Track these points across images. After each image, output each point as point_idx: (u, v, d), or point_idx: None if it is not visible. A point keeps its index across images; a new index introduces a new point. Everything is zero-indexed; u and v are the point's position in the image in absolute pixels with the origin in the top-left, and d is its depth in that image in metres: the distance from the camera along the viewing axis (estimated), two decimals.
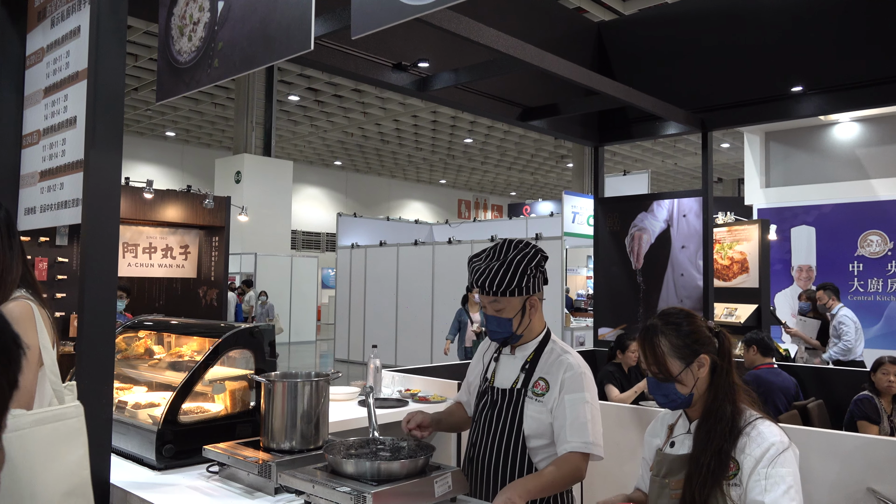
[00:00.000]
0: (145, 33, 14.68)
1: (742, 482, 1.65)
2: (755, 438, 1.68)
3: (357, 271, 14.17)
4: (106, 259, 2.21)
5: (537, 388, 2.08)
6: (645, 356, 1.82)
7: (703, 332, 1.81)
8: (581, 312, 14.94)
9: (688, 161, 25.17)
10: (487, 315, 2.14)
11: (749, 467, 1.65)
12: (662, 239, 5.47)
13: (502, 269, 2.06)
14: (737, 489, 1.65)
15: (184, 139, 24.16)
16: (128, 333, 3.15)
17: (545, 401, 2.06)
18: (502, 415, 2.12)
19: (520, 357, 2.17)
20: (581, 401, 2.02)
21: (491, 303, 2.10)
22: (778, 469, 1.62)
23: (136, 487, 2.19)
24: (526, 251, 2.10)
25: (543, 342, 2.16)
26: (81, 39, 2.48)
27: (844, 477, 2.58)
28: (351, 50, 3.89)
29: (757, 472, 1.63)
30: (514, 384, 2.12)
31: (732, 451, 1.67)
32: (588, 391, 2.05)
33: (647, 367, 1.83)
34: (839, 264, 8.78)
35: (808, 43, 4.47)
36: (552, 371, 2.08)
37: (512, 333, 2.12)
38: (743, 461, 1.66)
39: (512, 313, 2.09)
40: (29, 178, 2.82)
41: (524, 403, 2.08)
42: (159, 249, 7.96)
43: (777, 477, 1.61)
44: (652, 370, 1.81)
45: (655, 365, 1.80)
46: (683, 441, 1.81)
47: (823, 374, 5.02)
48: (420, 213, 29.81)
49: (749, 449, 1.67)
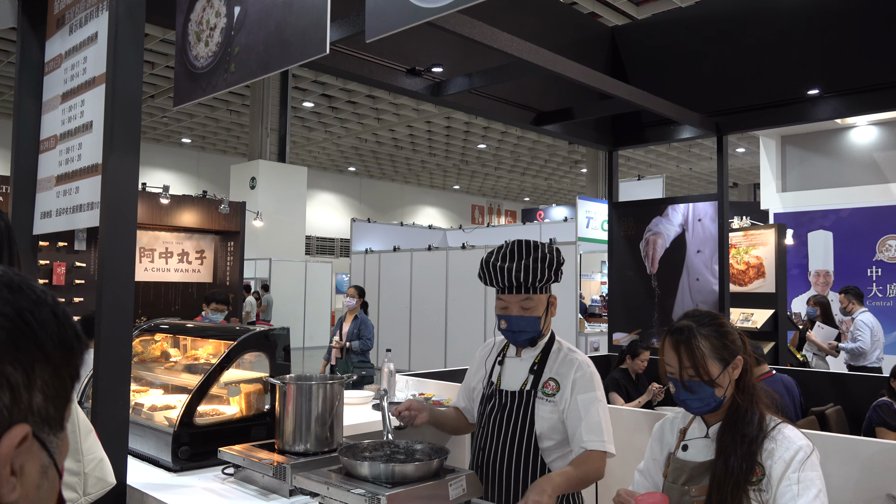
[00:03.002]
0: (162, 41, 14.83)
1: (769, 488, 1.62)
2: (782, 443, 1.66)
3: (371, 276, 14.19)
4: (123, 261, 2.23)
5: (547, 389, 2.08)
6: (679, 359, 1.73)
7: (735, 333, 1.78)
8: (595, 318, 14.88)
9: (703, 166, 25.02)
10: (512, 316, 2.12)
11: (779, 473, 1.62)
12: (677, 243, 5.44)
13: (534, 267, 2.06)
14: (761, 495, 1.62)
15: (199, 146, 24.35)
16: (144, 336, 3.17)
17: (557, 401, 2.06)
18: (512, 417, 2.12)
19: (527, 359, 2.17)
20: (594, 400, 2.05)
21: (522, 300, 2.10)
22: (808, 473, 1.61)
23: (152, 489, 2.20)
24: (549, 249, 2.13)
25: (549, 343, 2.17)
26: (99, 45, 2.51)
27: (863, 483, 2.55)
28: (365, 55, 3.90)
29: (787, 476, 1.61)
30: (523, 386, 2.13)
31: (759, 456, 1.65)
32: (599, 390, 2.08)
33: (678, 371, 1.73)
34: (857, 269, 8.68)
35: (825, 45, 4.44)
36: (562, 371, 2.09)
37: (539, 332, 2.12)
38: (771, 467, 1.63)
39: (540, 311, 2.11)
40: (45, 183, 2.85)
41: (535, 404, 2.09)
42: (175, 254, 8.02)
43: (808, 481, 1.60)
44: (688, 373, 1.71)
45: (693, 368, 1.71)
46: (700, 446, 1.77)
47: (842, 380, 4.96)
48: (434, 219, 29.82)
49: (778, 454, 1.64)
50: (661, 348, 1.80)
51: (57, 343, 0.67)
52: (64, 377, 0.68)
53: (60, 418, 0.69)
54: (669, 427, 1.90)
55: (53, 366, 0.66)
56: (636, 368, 5.13)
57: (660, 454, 1.88)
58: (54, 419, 0.68)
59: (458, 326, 11.33)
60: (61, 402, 0.68)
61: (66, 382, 0.69)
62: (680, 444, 1.82)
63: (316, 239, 26.40)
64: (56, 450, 0.69)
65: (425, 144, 23.90)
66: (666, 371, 1.79)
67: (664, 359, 1.79)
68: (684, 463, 1.77)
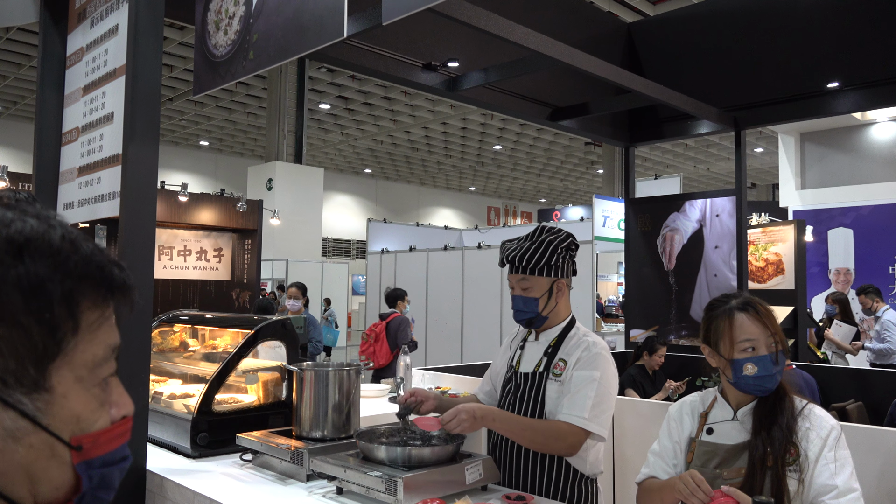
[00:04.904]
0: (180, 44, 14.97)
1: (805, 467, 1.61)
2: (816, 423, 1.66)
3: (387, 276, 14.22)
4: (143, 248, 2.26)
5: (556, 369, 2.09)
6: (765, 328, 1.68)
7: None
8: (612, 318, 14.80)
9: (720, 166, 24.82)
10: (514, 295, 2.16)
11: (816, 452, 1.62)
12: (695, 239, 5.40)
13: (532, 248, 2.11)
14: (795, 475, 1.61)
15: (217, 148, 24.55)
16: (163, 328, 3.20)
17: (563, 379, 2.06)
18: (525, 398, 2.12)
19: (543, 342, 2.18)
20: (588, 378, 2.02)
21: (519, 281, 2.13)
22: (842, 451, 1.62)
23: (171, 473, 2.22)
24: (558, 234, 2.14)
25: (568, 328, 2.17)
26: (120, 37, 2.54)
27: (887, 473, 2.52)
28: (381, 50, 3.92)
29: (824, 455, 1.61)
30: (536, 367, 2.14)
31: (794, 436, 1.64)
32: (600, 370, 2.03)
33: (763, 341, 1.67)
34: (878, 267, 8.57)
35: (844, 37, 4.39)
36: (572, 352, 2.10)
37: (538, 314, 2.12)
38: (807, 447, 1.63)
39: (539, 293, 2.11)
40: (68, 175, 2.89)
41: (546, 385, 2.09)
42: (194, 252, 8.09)
43: (843, 459, 1.61)
44: (775, 339, 1.68)
45: (777, 335, 1.69)
46: (727, 429, 1.74)
47: (863, 376, 4.90)
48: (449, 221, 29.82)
49: (814, 433, 1.64)
50: (730, 327, 1.71)
51: (11, 285, 0.57)
52: (27, 325, 0.58)
53: (37, 376, 0.59)
54: (689, 411, 1.86)
55: (6, 313, 0.57)
56: (653, 365, 5.10)
57: (679, 436, 1.84)
58: (25, 376, 0.58)
59: (474, 325, 11.31)
60: (32, 355, 0.58)
61: (32, 332, 0.58)
62: (703, 427, 1.79)
63: (332, 241, 26.50)
64: (39, 412, 0.59)
65: (441, 146, 23.92)
66: (741, 350, 1.68)
67: (737, 336, 1.69)
68: (716, 446, 1.74)
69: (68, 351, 0.61)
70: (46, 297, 0.59)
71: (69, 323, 0.61)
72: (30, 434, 0.59)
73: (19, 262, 0.58)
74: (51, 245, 0.60)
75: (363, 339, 7.26)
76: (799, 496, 1.60)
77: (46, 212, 0.63)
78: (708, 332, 1.79)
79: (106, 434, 0.65)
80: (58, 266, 0.60)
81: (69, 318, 0.61)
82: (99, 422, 0.64)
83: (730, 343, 1.71)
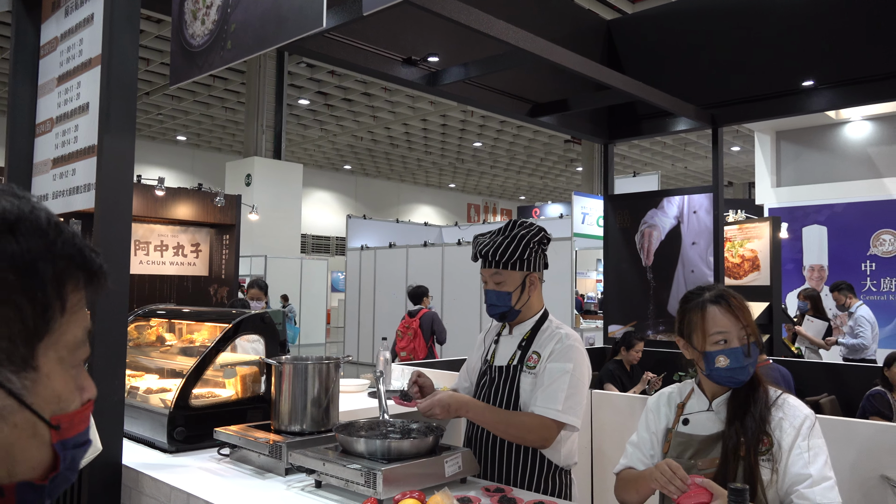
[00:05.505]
0: (157, 37, 14.79)
1: (779, 457, 1.62)
2: (789, 412, 1.67)
3: (367, 273, 14.18)
4: (119, 241, 2.23)
5: (530, 362, 2.11)
6: (737, 320, 1.68)
7: None
8: (591, 315, 14.89)
9: (698, 164, 25.07)
10: (487, 290, 2.17)
11: (789, 441, 1.62)
12: (673, 236, 5.45)
13: (505, 242, 2.11)
14: (768, 464, 1.62)
15: (195, 143, 24.30)
16: (139, 322, 3.16)
17: (536, 372, 2.07)
18: (499, 391, 2.13)
19: (517, 335, 2.19)
20: (561, 371, 2.03)
21: (492, 275, 2.14)
22: (816, 440, 1.63)
23: (147, 468, 2.19)
24: (530, 228, 2.15)
25: (541, 321, 2.18)
26: (95, 26, 2.50)
27: (859, 465, 2.56)
28: (361, 44, 3.90)
29: (798, 445, 1.62)
30: (510, 360, 2.15)
31: (767, 426, 1.65)
32: (573, 363, 2.05)
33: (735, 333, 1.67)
34: (851, 264, 8.71)
35: (819, 36, 4.45)
36: (546, 344, 2.11)
37: (510, 308, 2.13)
38: (780, 436, 1.63)
39: (512, 287, 2.12)
40: (42, 167, 2.84)
41: (520, 378, 2.10)
42: (171, 247, 8.00)
43: (817, 448, 1.62)
44: (747, 331, 1.68)
45: (749, 327, 1.69)
46: (702, 419, 1.75)
47: (836, 370, 4.98)
48: (429, 217, 29.80)
49: (787, 423, 1.65)
50: (702, 319, 1.71)
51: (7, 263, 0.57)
52: (20, 304, 0.58)
53: (26, 354, 0.59)
54: (666, 401, 1.87)
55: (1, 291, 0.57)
56: (631, 360, 5.14)
57: (656, 427, 1.85)
58: (15, 354, 0.58)
59: (454, 322, 11.32)
60: (23, 334, 0.58)
61: (25, 311, 0.58)
62: (679, 418, 1.80)
63: (312, 237, 26.37)
64: (24, 391, 0.59)
65: (421, 142, 23.89)
66: (713, 343, 1.69)
67: (709, 329, 1.69)
68: (690, 437, 1.75)
69: (54, 331, 0.61)
70: (39, 276, 0.59)
71: (57, 303, 0.61)
72: (15, 413, 0.59)
73: (13, 239, 0.58)
74: (39, 225, 0.60)
75: (398, 335, 7.28)
76: (773, 485, 1.62)
77: (25, 194, 0.63)
78: (682, 325, 1.79)
79: (79, 415, 0.65)
80: (48, 246, 0.60)
81: (57, 299, 0.61)
82: (74, 402, 0.65)
83: (702, 335, 1.72)
